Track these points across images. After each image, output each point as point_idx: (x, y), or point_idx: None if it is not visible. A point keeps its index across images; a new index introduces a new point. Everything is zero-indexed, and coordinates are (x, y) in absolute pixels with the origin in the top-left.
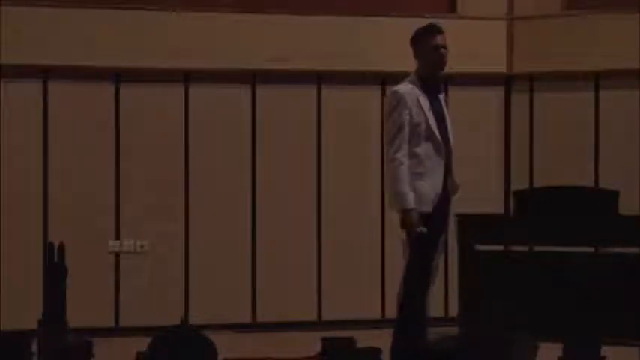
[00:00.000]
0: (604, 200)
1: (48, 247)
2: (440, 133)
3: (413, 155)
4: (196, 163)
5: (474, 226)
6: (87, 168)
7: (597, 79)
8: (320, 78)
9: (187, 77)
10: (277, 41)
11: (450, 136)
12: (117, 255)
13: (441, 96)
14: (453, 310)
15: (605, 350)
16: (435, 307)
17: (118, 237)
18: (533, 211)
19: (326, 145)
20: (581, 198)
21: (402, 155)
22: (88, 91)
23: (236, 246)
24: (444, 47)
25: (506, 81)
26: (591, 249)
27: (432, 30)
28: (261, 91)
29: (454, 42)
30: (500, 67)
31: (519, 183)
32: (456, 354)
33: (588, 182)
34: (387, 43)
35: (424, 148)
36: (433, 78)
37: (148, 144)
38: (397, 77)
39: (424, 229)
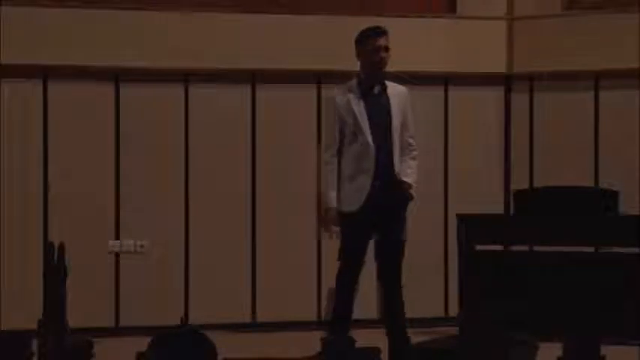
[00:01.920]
0: (604, 200)
1: (48, 247)
2: (376, 132)
3: (344, 156)
4: (196, 163)
5: (474, 226)
6: (87, 168)
7: (597, 79)
8: (320, 78)
9: (187, 77)
10: (277, 41)
11: (395, 133)
12: (117, 255)
13: (394, 94)
14: (453, 310)
15: (605, 350)
16: (435, 307)
17: (118, 237)
18: (533, 211)
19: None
20: (581, 198)
21: (329, 155)
22: (88, 91)
23: (236, 246)
24: (384, 49)
25: (506, 81)
26: (591, 249)
27: (374, 32)
28: (261, 91)
29: (454, 42)
30: (500, 67)
31: (519, 183)
32: (456, 354)
33: (588, 182)
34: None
35: (353, 149)
36: (373, 78)
37: (148, 144)
38: (397, 77)
39: (336, 229)
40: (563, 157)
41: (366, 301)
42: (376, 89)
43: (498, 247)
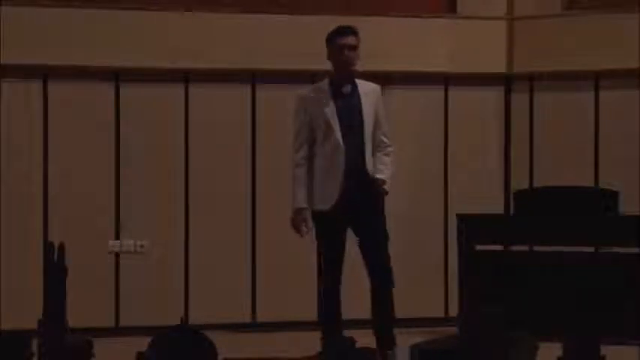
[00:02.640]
0: (604, 200)
1: (48, 247)
2: (347, 131)
3: (315, 155)
4: (196, 163)
5: (474, 226)
6: (87, 168)
7: (597, 79)
8: (320, 78)
9: (187, 77)
10: (277, 41)
11: (366, 131)
12: (117, 255)
13: (365, 92)
14: (453, 310)
15: (605, 350)
16: (435, 307)
17: (118, 237)
18: (533, 211)
19: None
20: (581, 198)
21: (299, 157)
22: (88, 91)
23: (236, 246)
24: (352, 48)
25: (506, 81)
26: (591, 249)
27: (341, 31)
28: (261, 91)
29: (454, 42)
30: (500, 67)
31: (519, 183)
32: (456, 354)
33: (588, 182)
34: (387, 43)
35: (324, 148)
36: (342, 78)
37: (147, 144)
38: (397, 77)
39: (305, 230)
40: (563, 157)
41: (367, 302)
42: (346, 88)
43: (498, 247)
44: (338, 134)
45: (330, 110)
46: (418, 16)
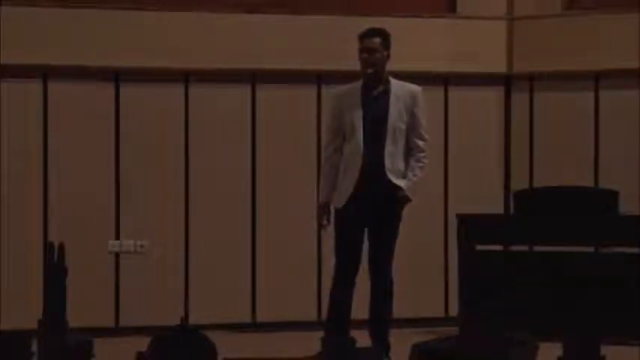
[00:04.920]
0: (604, 200)
1: (48, 247)
2: (370, 132)
3: (342, 153)
4: (196, 163)
5: (474, 226)
6: (87, 168)
7: (597, 79)
8: (320, 78)
9: (187, 77)
10: (277, 41)
11: (389, 133)
12: (117, 255)
13: (399, 94)
14: (453, 310)
15: (605, 350)
16: (435, 307)
17: (118, 237)
18: (533, 211)
19: None
20: (581, 198)
21: (328, 153)
22: (88, 91)
23: (236, 246)
24: (367, 51)
25: (506, 81)
26: (591, 249)
27: (362, 34)
28: (261, 91)
29: (454, 42)
30: (500, 67)
31: (519, 183)
32: (456, 354)
33: (588, 182)
34: None
35: (348, 147)
36: (368, 79)
37: (148, 144)
38: (397, 77)
39: (325, 224)
40: (563, 157)
41: (367, 302)
42: (377, 90)
43: (498, 247)
44: (359, 136)
45: (357, 112)
46: (418, 16)
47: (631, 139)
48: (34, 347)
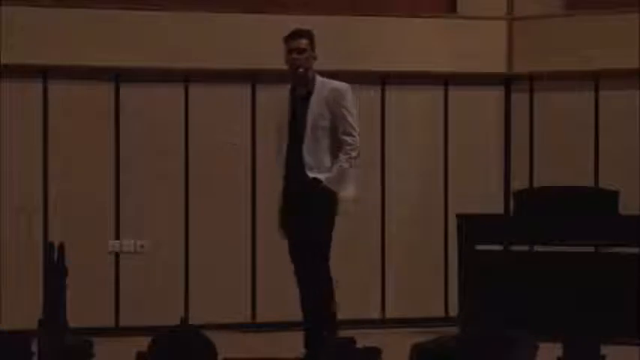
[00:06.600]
0: (604, 200)
1: (48, 247)
2: (293, 134)
3: None
4: (196, 163)
5: (474, 226)
6: (87, 168)
7: (597, 79)
8: None
9: (187, 77)
10: (277, 41)
11: (307, 134)
12: (117, 255)
13: (321, 93)
14: (453, 310)
15: (605, 350)
16: (435, 307)
17: (118, 237)
18: (533, 211)
19: None
20: (581, 198)
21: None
22: (88, 91)
23: (236, 246)
24: (296, 51)
25: (506, 81)
26: (591, 249)
27: (290, 34)
28: (261, 91)
29: (454, 42)
30: (500, 67)
31: (519, 183)
32: (456, 354)
33: (588, 182)
34: (387, 43)
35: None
36: (294, 81)
37: (147, 144)
38: (397, 77)
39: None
40: (563, 157)
41: (367, 301)
42: (300, 92)
43: (498, 247)
44: (284, 138)
45: (285, 114)
46: (418, 16)
47: (631, 139)
48: (34, 347)
